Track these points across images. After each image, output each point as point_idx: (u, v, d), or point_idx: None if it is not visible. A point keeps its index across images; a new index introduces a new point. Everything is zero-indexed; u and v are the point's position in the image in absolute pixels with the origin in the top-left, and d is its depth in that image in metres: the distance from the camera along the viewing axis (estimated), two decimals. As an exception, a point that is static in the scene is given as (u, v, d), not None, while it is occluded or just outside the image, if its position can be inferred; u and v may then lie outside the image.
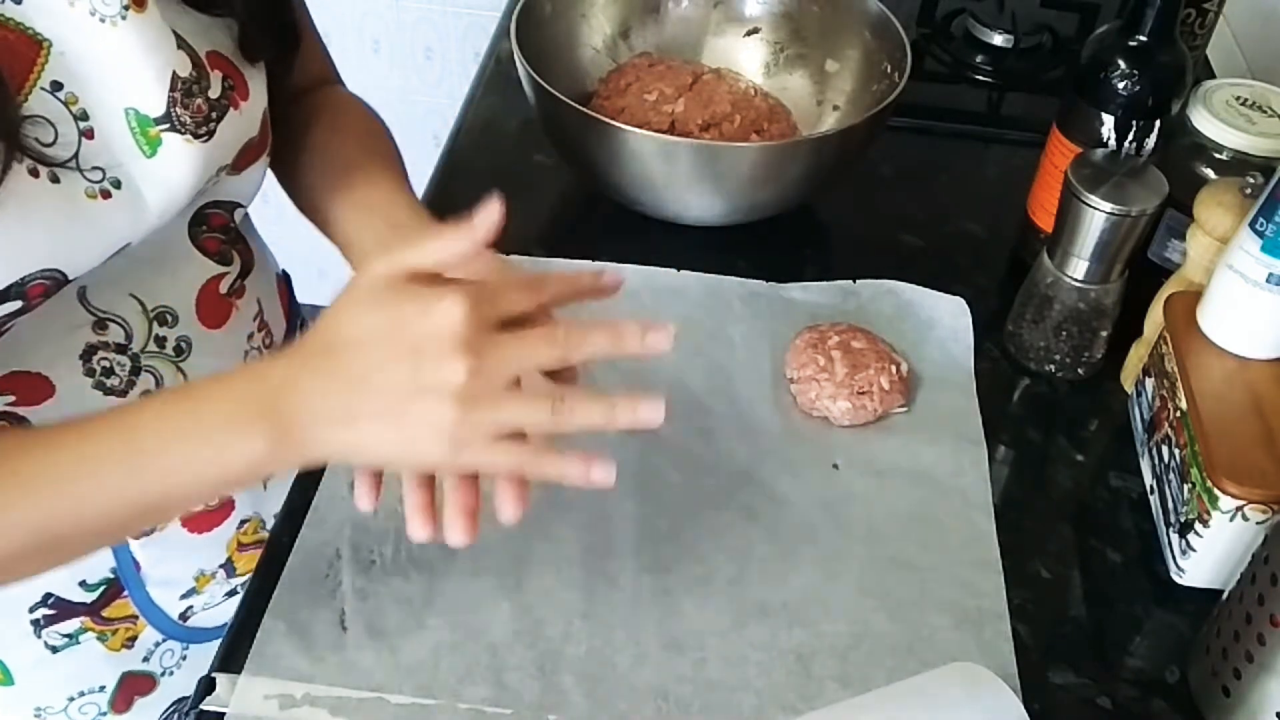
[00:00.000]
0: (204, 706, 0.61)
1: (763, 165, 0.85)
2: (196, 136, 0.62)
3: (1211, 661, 0.63)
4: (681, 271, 0.88)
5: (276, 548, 0.69)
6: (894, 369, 0.79)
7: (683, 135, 0.90)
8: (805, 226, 0.95)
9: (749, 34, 1.03)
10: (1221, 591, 0.66)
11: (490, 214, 0.50)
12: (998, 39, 1.16)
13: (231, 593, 0.80)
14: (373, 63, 1.70)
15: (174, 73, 0.60)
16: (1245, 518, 0.66)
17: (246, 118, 0.66)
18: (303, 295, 0.88)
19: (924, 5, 1.19)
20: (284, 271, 0.85)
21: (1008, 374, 0.84)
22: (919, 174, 1.03)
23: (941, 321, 0.86)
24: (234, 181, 0.69)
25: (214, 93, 0.63)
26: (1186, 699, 0.65)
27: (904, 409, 0.79)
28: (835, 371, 0.78)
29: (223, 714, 0.61)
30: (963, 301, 0.87)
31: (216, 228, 0.71)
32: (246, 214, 0.76)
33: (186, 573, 0.77)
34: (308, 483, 0.72)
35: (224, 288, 0.72)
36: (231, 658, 0.63)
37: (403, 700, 0.62)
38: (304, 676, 0.62)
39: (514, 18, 0.89)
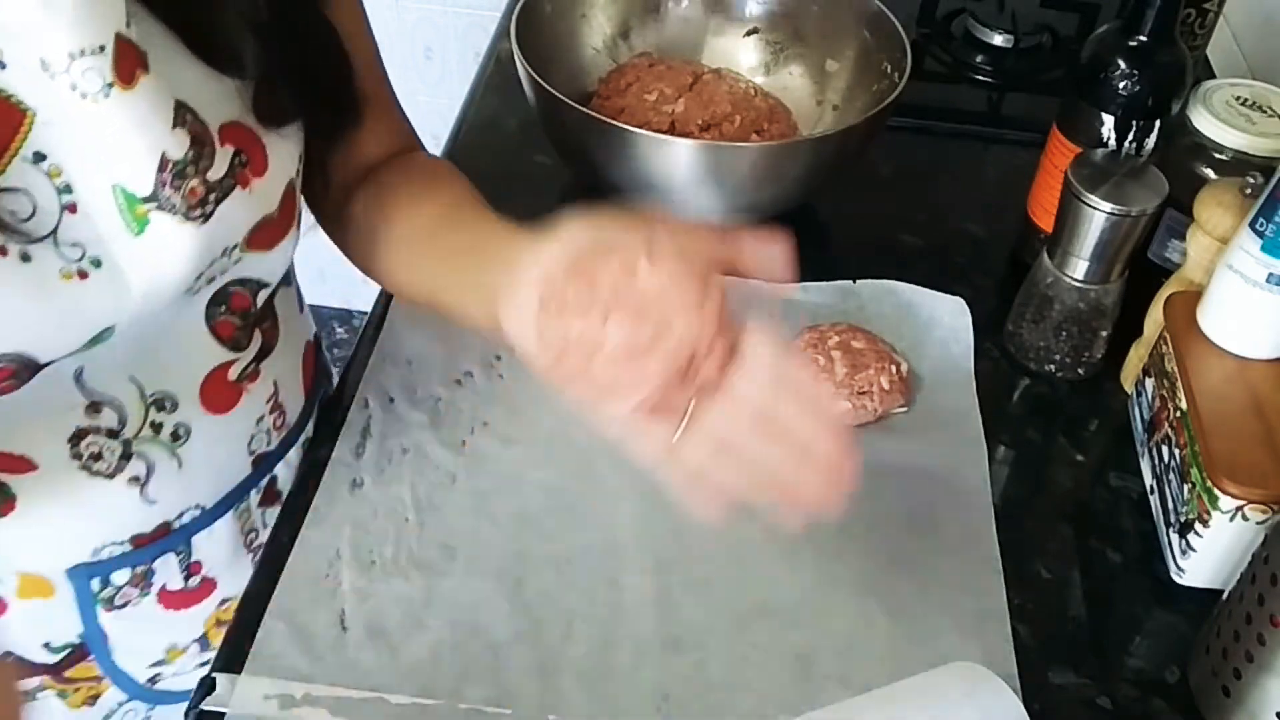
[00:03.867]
0: (204, 706, 0.61)
1: (763, 165, 0.85)
2: (189, 219, 0.57)
3: (1211, 661, 0.63)
4: (681, 271, 0.88)
5: (276, 548, 0.69)
6: (894, 369, 0.79)
7: (683, 135, 0.89)
8: (805, 226, 0.95)
9: (749, 34, 1.03)
10: (1221, 591, 0.66)
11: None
12: (998, 39, 1.16)
13: (204, 663, 0.74)
14: (373, 63, 1.70)
15: (163, 154, 0.55)
16: (1245, 518, 0.66)
17: (259, 195, 0.61)
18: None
19: (924, 5, 1.19)
20: (316, 335, 0.80)
21: (1008, 374, 0.84)
22: (919, 174, 1.03)
23: (941, 321, 0.86)
24: (258, 259, 0.63)
25: (216, 173, 0.57)
26: (1186, 699, 0.65)
27: (904, 409, 0.79)
28: (835, 371, 0.78)
29: (223, 714, 0.61)
30: (963, 301, 0.87)
31: (236, 310, 0.66)
32: (289, 281, 0.73)
33: (158, 645, 0.73)
34: (308, 482, 0.72)
35: (234, 374, 0.67)
36: (231, 658, 0.63)
37: (403, 700, 0.62)
38: (304, 676, 0.62)
39: (514, 18, 0.89)
